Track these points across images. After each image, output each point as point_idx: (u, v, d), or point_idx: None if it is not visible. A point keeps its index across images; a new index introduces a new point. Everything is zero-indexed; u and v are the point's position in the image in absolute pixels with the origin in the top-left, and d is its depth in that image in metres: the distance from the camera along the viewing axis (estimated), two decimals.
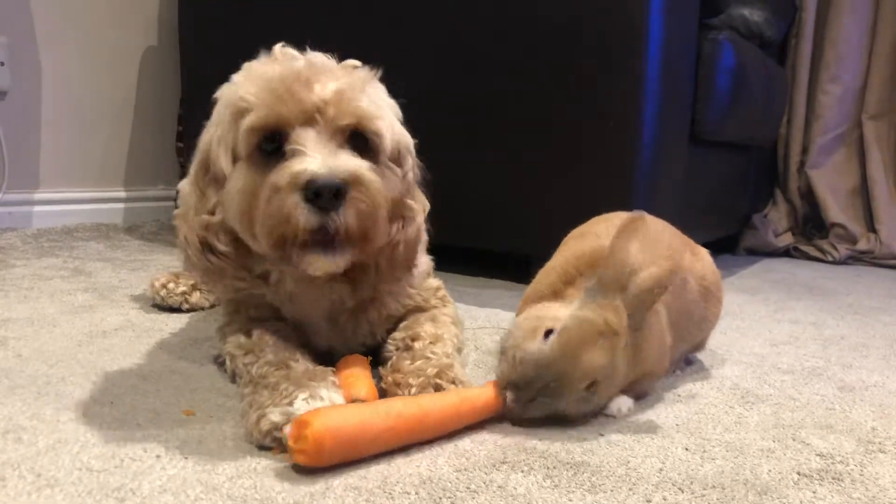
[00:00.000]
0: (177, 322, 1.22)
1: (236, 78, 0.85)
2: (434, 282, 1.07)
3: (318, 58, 0.86)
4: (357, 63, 0.89)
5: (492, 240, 1.73)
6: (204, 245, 0.86)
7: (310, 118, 0.79)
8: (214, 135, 0.84)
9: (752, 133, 2.22)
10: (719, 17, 1.96)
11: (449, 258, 1.33)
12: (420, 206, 0.92)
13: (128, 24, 2.37)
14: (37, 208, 2.17)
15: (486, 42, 1.63)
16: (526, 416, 0.82)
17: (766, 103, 2.21)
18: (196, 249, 0.86)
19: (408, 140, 0.90)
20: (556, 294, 0.92)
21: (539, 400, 0.80)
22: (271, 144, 0.79)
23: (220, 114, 0.84)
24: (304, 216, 0.75)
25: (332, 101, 0.80)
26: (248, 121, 0.79)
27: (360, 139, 0.82)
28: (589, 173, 1.54)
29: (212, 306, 1.31)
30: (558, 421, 0.85)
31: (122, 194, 2.38)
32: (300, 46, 0.88)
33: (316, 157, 0.76)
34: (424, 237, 0.98)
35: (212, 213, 0.85)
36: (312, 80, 0.80)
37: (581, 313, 0.81)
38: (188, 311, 1.29)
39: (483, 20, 1.63)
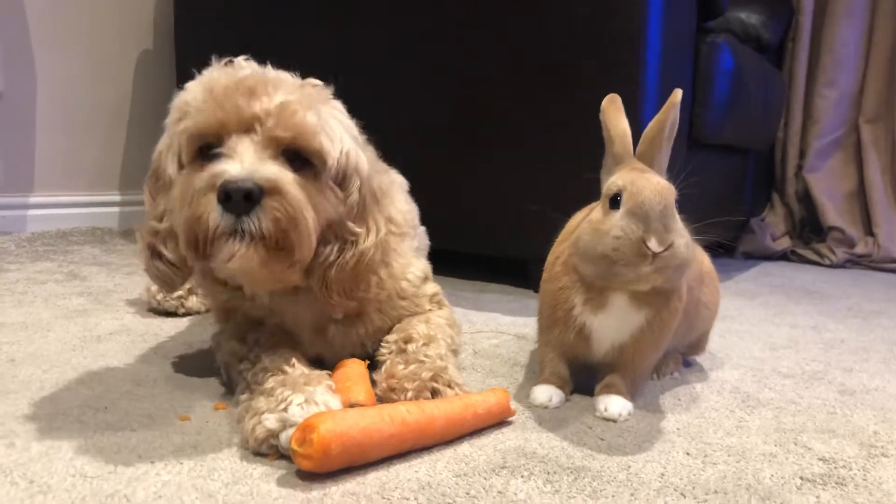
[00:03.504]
0: (172, 327, 1.21)
1: (189, 85, 0.84)
2: (431, 288, 1.06)
3: (274, 72, 0.84)
4: (316, 82, 0.88)
5: (489, 244, 1.73)
6: (153, 252, 0.86)
7: (248, 127, 0.78)
8: (164, 142, 0.84)
9: (749, 136, 2.22)
10: (717, 20, 1.96)
11: (446, 263, 1.33)
12: (371, 232, 0.87)
13: (123, 27, 2.37)
14: (31, 212, 2.16)
15: (484, 46, 1.63)
16: (671, 264, 0.80)
17: (763, 107, 2.21)
18: (146, 256, 0.87)
19: (359, 163, 0.86)
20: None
21: (672, 230, 0.80)
22: (210, 150, 0.79)
23: (169, 120, 0.84)
24: (214, 216, 0.74)
25: (273, 112, 0.78)
26: (185, 125, 0.80)
27: (299, 155, 0.80)
28: (586, 177, 1.53)
29: (207, 310, 1.30)
30: (559, 424, 0.84)
31: (117, 198, 2.37)
32: (295, 49, 0.88)
33: (239, 162, 0.75)
34: (418, 244, 0.99)
35: (160, 219, 0.85)
36: (258, 91, 0.79)
37: (621, 175, 0.84)
38: (184, 315, 1.28)
39: (482, 24, 1.62)
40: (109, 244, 2.05)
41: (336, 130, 0.84)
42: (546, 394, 0.92)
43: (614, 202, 0.82)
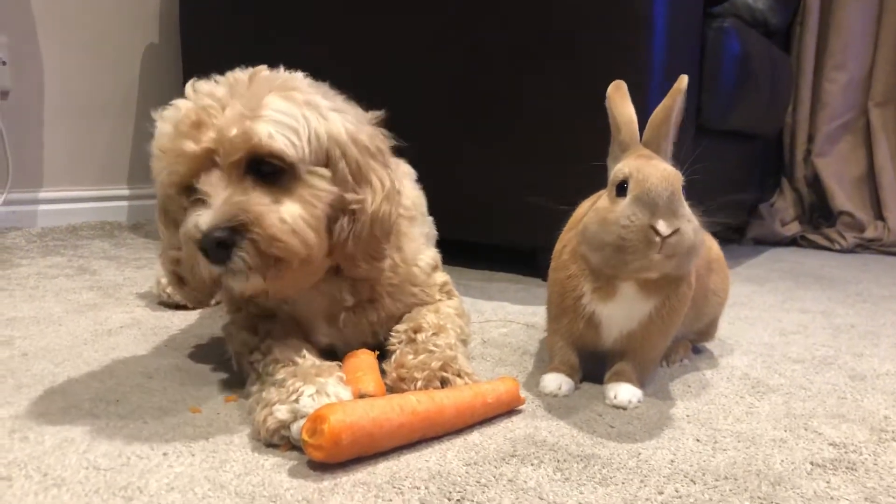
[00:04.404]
0: (183, 319, 1.22)
1: (158, 122, 0.82)
2: (441, 277, 1.06)
3: (218, 89, 0.81)
4: (263, 70, 0.87)
5: (498, 233, 1.73)
6: (178, 280, 0.90)
7: (208, 163, 0.78)
8: (159, 175, 0.85)
9: (757, 121, 2.20)
10: (723, 4, 1.94)
11: (455, 252, 1.33)
12: (376, 191, 0.86)
13: (129, 21, 2.37)
14: (41, 207, 2.17)
15: (489, 34, 1.62)
16: (678, 250, 0.80)
17: (771, 92, 2.19)
18: (172, 282, 0.92)
19: (338, 134, 0.83)
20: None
21: (680, 214, 0.80)
22: (189, 193, 0.80)
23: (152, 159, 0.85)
24: (205, 268, 0.78)
25: (223, 138, 0.77)
26: (160, 179, 0.82)
27: (265, 163, 0.79)
28: (594, 164, 1.53)
29: (218, 303, 1.30)
30: (568, 412, 0.85)
31: (126, 192, 2.38)
32: (300, 40, 0.87)
33: (207, 209, 0.76)
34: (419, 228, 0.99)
35: (178, 248, 0.86)
36: (203, 123, 0.78)
37: (628, 161, 0.84)
38: (194, 308, 1.28)
39: (487, 11, 1.62)
40: (119, 238, 2.06)
41: (293, 116, 0.80)
42: (555, 382, 0.92)
43: (621, 189, 0.82)
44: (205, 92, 0.81)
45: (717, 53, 1.74)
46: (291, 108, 0.81)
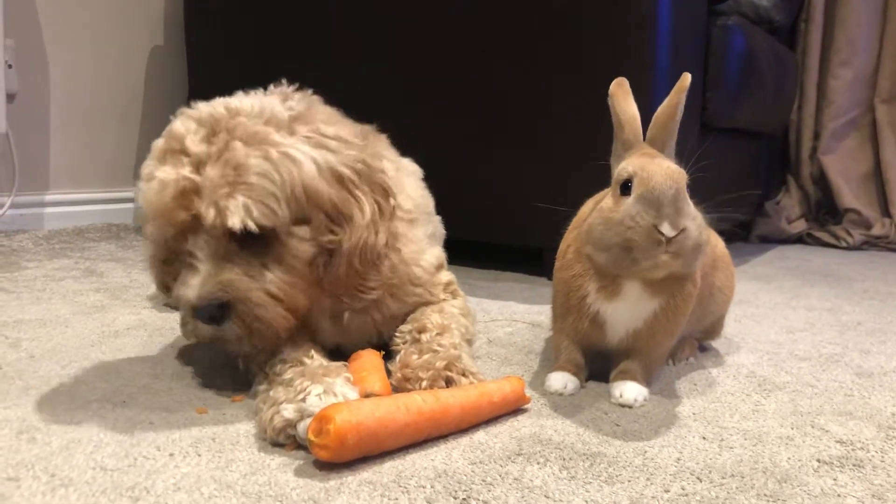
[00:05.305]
0: None
1: (141, 182, 0.83)
2: (446, 276, 1.06)
3: (197, 144, 0.80)
4: (243, 109, 0.83)
5: (504, 233, 1.73)
6: (164, 286, 0.94)
7: (195, 225, 0.80)
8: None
9: (763, 119, 2.20)
10: (727, 2, 1.94)
11: (461, 252, 1.33)
12: (355, 224, 0.84)
13: (134, 24, 2.37)
14: (47, 210, 2.18)
15: (495, 33, 1.62)
16: (682, 251, 0.80)
17: (776, 89, 2.19)
18: (160, 289, 0.97)
19: (314, 187, 0.81)
20: None
21: (685, 214, 0.80)
22: (180, 241, 0.83)
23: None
24: (199, 332, 0.83)
25: (206, 214, 0.78)
26: (148, 246, 0.87)
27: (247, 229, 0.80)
28: (600, 163, 1.53)
29: None
30: (574, 410, 0.85)
31: (132, 194, 2.39)
32: (304, 41, 0.87)
33: (194, 282, 0.80)
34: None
35: (164, 260, 0.90)
36: (186, 192, 0.79)
37: (631, 160, 0.84)
38: None
39: (492, 11, 1.62)
40: (125, 240, 2.06)
41: (271, 180, 0.79)
42: (561, 381, 0.92)
43: (625, 188, 0.82)
44: (184, 147, 0.81)
45: (721, 51, 1.74)
46: (269, 170, 0.79)
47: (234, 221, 0.77)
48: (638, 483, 0.68)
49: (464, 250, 1.52)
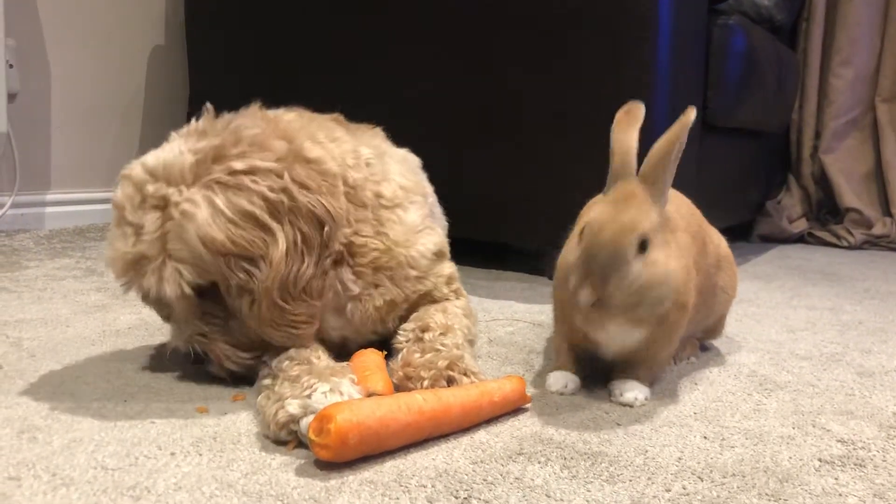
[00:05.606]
0: None
1: (106, 244, 0.87)
2: (447, 268, 1.05)
3: (143, 215, 0.82)
4: (158, 184, 0.83)
5: (505, 233, 1.73)
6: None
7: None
8: None
9: (764, 119, 2.20)
10: (728, 1, 1.94)
11: (461, 251, 1.32)
12: (270, 260, 0.82)
13: (135, 23, 2.38)
14: (48, 209, 2.18)
15: (496, 33, 1.62)
16: (608, 314, 0.80)
17: (777, 88, 2.19)
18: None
19: (207, 233, 0.79)
20: None
21: (613, 281, 0.78)
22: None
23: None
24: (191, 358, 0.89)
25: (149, 285, 0.83)
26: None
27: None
28: (601, 163, 1.53)
29: None
30: (575, 410, 0.84)
31: None
32: (305, 41, 0.87)
33: (174, 329, 0.90)
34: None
35: None
36: (135, 263, 0.83)
37: (601, 201, 0.84)
38: None
39: (492, 11, 1.62)
40: None
41: (182, 239, 0.80)
42: (562, 380, 0.92)
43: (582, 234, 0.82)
44: (125, 217, 0.84)
45: (722, 50, 1.74)
46: (178, 232, 0.80)
47: (172, 290, 0.81)
48: (639, 482, 0.68)
49: (465, 250, 1.52)
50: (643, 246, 0.79)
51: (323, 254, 0.87)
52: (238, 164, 0.82)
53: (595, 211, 0.82)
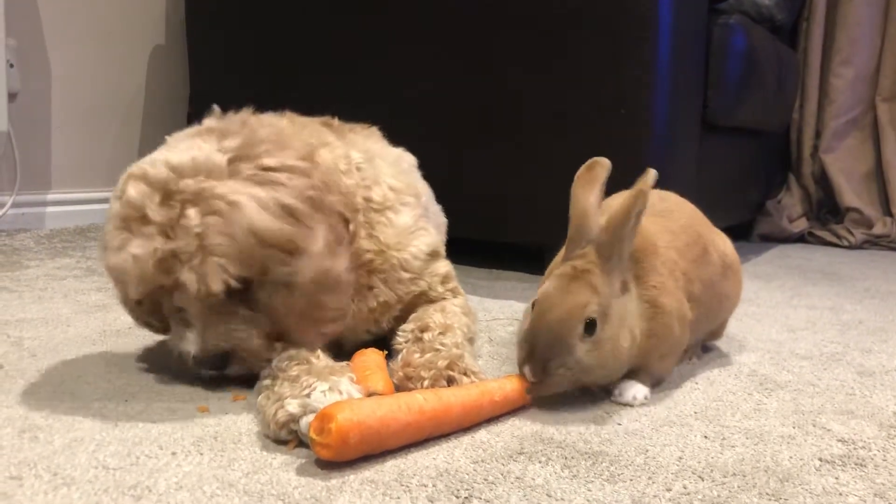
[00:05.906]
0: None
1: (108, 255, 0.83)
2: (442, 267, 1.04)
3: (156, 210, 0.80)
4: (187, 180, 0.80)
5: (505, 231, 1.73)
6: (146, 325, 0.97)
7: (177, 286, 0.81)
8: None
9: (764, 118, 2.20)
10: (729, 1, 1.94)
11: (462, 251, 1.33)
12: (309, 255, 0.83)
13: (135, 23, 2.38)
14: (49, 209, 2.18)
15: (496, 33, 1.62)
16: (550, 390, 0.81)
17: (777, 88, 2.19)
18: (142, 327, 0.98)
19: (259, 225, 0.79)
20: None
21: (553, 366, 0.78)
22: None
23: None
24: (203, 374, 0.88)
25: (189, 282, 0.79)
26: (119, 296, 0.88)
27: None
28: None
29: None
30: (575, 409, 0.85)
31: None
32: (305, 41, 0.87)
33: (192, 336, 0.84)
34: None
35: None
36: (168, 263, 0.79)
37: (554, 275, 0.83)
38: None
39: (492, 11, 1.62)
40: None
41: (227, 232, 0.78)
42: None
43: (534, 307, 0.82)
44: (146, 215, 0.80)
45: (722, 50, 1.74)
46: (223, 226, 0.79)
47: (216, 285, 0.79)
48: (640, 482, 0.68)
49: (465, 249, 1.52)
50: (591, 327, 0.79)
51: (349, 249, 0.89)
52: (270, 161, 0.83)
53: (546, 286, 0.82)
